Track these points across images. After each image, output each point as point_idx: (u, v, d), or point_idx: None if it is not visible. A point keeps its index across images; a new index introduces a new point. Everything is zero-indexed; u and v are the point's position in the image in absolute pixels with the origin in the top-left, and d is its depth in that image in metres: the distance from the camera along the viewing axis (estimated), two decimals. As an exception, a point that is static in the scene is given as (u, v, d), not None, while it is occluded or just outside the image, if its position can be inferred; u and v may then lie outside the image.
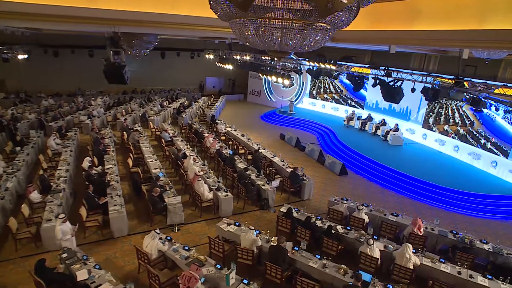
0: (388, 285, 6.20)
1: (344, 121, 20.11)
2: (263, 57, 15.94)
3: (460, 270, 6.88)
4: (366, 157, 14.62)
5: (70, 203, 9.71)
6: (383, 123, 18.22)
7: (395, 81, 10.48)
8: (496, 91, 8.62)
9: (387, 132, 17.27)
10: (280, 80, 11.85)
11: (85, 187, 9.09)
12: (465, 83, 9.38)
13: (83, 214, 8.24)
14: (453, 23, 7.68)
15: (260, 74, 13.75)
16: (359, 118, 19.76)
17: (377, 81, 11.18)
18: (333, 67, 12.61)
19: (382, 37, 9.76)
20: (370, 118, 19.21)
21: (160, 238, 7.12)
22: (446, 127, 15.92)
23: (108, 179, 9.92)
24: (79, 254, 6.55)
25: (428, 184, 12.24)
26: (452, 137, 15.49)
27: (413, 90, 10.22)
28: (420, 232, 8.07)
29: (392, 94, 10.38)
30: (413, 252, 6.97)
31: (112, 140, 14.40)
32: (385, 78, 10.83)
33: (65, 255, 6.44)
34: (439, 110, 16.41)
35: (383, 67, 10.96)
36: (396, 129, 17.15)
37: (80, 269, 6.09)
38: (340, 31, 11.16)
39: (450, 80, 9.11)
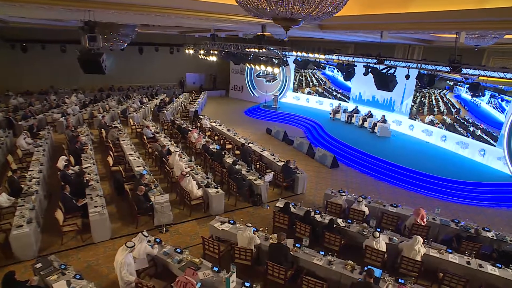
0: (400, 280, 5.80)
1: (330, 114, 19.81)
2: (247, 49, 15.37)
3: (469, 260, 6.59)
4: (357, 149, 14.34)
5: (44, 207, 8.81)
6: (370, 115, 18.04)
7: (388, 68, 10.16)
8: (490, 78, 8.45)
9: (375, 124, 17.10)
10: (269, 69, 11.29)
11: (61, 188, 8.23)
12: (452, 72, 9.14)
13: (59, 218, 7.39)
14: (450, 3, 7.35)
15: (247, 65, 13.12)
16: (345, 110, 19.51)
17: (369, 70, 10.84)
18: (322, 56, 12.18)
19: (375, 22, 9.37)
20: (356, 111, 19.00)
21: (149, 241, 6.43)
22: (431, 117, 15.87)
23: (87, 178, 9.07)
24: (56, 263, 5.74)
25: (420, 174, 12.06)
26: (439, 127, 15.46)
27: (407, 77, 9.96)
28: (424, 222, 7.76)
29: (386, 82, 10.06)
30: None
31: (89, 138, 13.43)
32: (377, 66, 10.49)
33: (39, 265, 5.63)
34: (422, 99, 16.35)
35: (375, 55, 10.63)
36: (384, 120, 16.99)
37: (58, 281, 5.32)
38: (329, 18, 10.77)
39: (448, 72, 8.90)
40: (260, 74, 24.69)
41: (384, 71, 10.18)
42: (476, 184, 11.49)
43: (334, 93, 21.27)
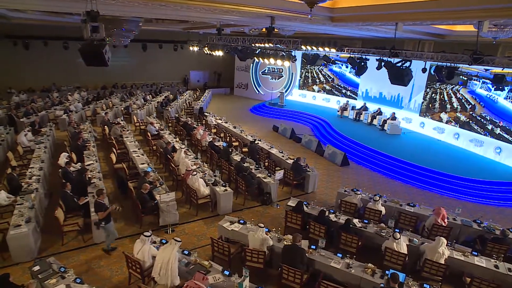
0: (425, 285, 5.36)
1: (338, 111, 19.34)
2: (254, 44, 14.98)
3: (497, 263, 6.14)
4: (367, 146, 13.87)
5: (44, 205, 8.44)
6: (379, 112, 17.54)
7: (403, 62, 9.70)
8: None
9: (384, 121, 16.62)
10: (279, 62, 10.85)
11: (62, 186, 7.84)
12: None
13: (60, 217, 7.00)
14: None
15: (256, 58, 12.70)
16: (353, 108, 19.02)
17: (382, 63, 10.38)
18: (333, 50, 11.73)
19: (390, 12, 8.90)
20: (365, 108, 18.51)
21: (154, 242, 6.04)
22: (443, 115, 15.29)
23: (89, 176, 8.71)
24: (55, 266, 5.34)
25: (434, 172, 11.58)
26: (453, 125, 14.87)
27: (424, 70, 9.50)
28: (445, 222, 7.31)
29: (401, 76, 9.57)
30: (443, 246, 6.18)
31: (92, 135, 13.06)
32: (392, 60, 10.03)
33: (37, 267, 5.23)
34: (433, 96, 15.79)
35: (390, 48, 10.16)
36: (394, 118, 16.50)
37: (57, 285, 4.93)
38: (341, 9, 10.32)
39: (469, 65, 8.43)
40: (266, 71, 24.26)
41: (399, 64, 9.71)
42: (493, 183, 11.00)
43: (343, 91, 20.71)
